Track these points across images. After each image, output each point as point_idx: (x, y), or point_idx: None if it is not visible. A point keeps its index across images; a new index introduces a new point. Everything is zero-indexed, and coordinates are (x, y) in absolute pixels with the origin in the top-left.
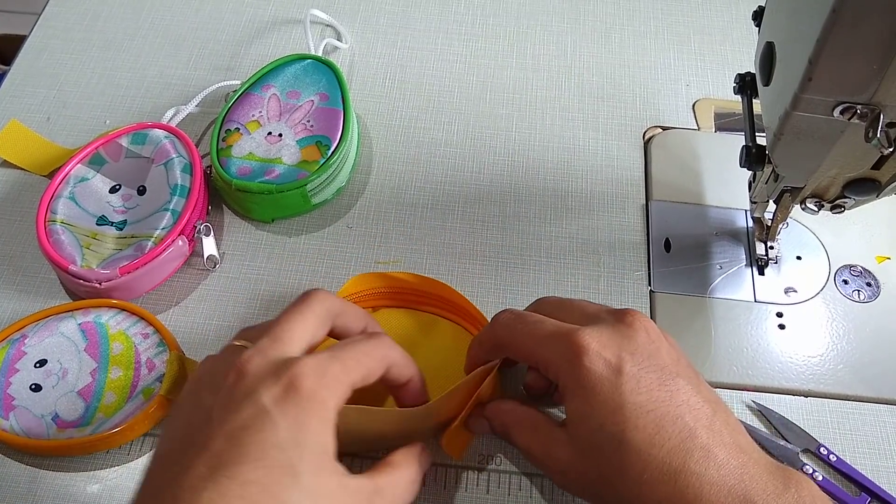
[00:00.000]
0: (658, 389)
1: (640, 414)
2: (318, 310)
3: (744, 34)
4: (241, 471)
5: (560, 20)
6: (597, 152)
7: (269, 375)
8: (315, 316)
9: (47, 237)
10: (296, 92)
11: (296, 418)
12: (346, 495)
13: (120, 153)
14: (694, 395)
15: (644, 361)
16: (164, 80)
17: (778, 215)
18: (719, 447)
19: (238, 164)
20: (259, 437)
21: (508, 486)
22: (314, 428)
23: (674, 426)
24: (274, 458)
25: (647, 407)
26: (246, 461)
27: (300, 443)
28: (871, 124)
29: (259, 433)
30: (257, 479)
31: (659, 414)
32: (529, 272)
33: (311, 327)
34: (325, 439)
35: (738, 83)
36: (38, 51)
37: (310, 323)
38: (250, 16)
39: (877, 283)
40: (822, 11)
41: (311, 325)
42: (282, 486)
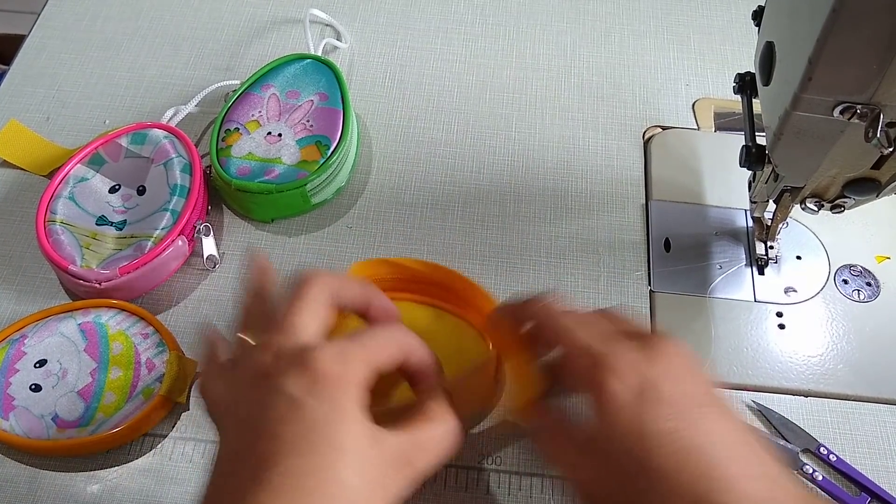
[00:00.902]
0: (683, 418)
1: (664, 443)
2: (320, 295)
3: (744, 34)
4: (288, 463)
5: (560, 20)
6: (596, 152)
7: (291, 367)
8: (317, 302)
9: (47, 237)
10: (295, 92)
11: (330, 401)
12: (388, 459)
13: (119, 153)
14: (720, 424)
15: (670, 389)
16: (164, 80)
17: (778, 215)
18: (746, 479)
19: (238, 164)
20: (297, 427)
21: (508, 486)
22: (348, 406)
23: (698, 456)
24: (315, 442)
25: (672, 436)
26: (290, 452)
27: (337, 422)
28: (871, 124)
29: (297, 423)
30: (304, 466)
31: (683, 444)
32: (529, 272)
33: (318, 314)
34: (359, 415)
35: (737, 83)
36: (37, 50)
37: (314, 309)
38: (249, 15)
39: (877, 282)
40: (822, 11)
41: (317, 311)
42: (328, 467)
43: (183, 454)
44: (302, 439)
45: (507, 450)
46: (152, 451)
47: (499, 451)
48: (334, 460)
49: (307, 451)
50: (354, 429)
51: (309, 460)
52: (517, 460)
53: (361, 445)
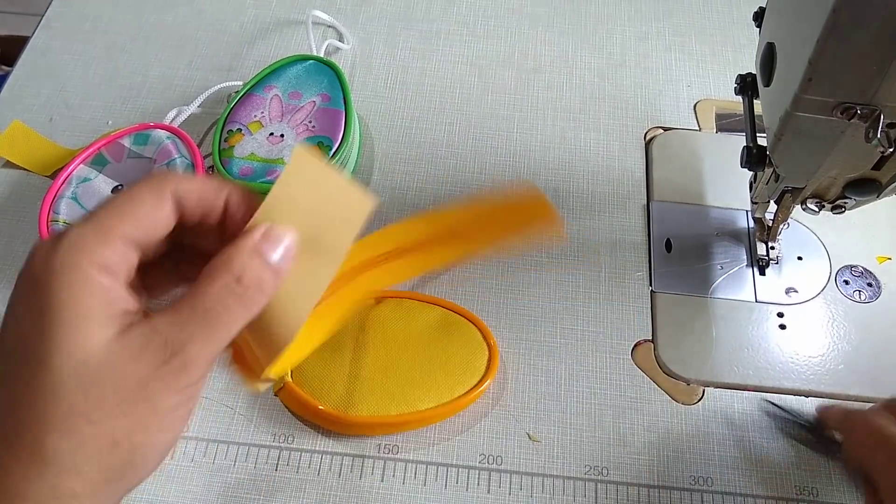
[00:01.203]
0: None
1: None
2: (161, 183)
3: (745, 35)
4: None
5: (561, 21)
6: (598, 153)
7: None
8: (153, 190)
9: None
10: (297, 93)
11: (36, 296)
12: (130, 354)
13: (122, 154)
14: None
15: None
16: (167, 81)
17: (779, 216)
18: None
19: (240, 164)
20: (4, 336)
21: (509, 486)
22: (64, 291)
23: None
24: (22, 348)
25: None
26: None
27: (47, 319)
28: (872, 125)
29: (5, 331)
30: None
31: None
32: (530, 273)
33: (142, 205)
34: (83, 302)
35: (738, 84)
36: (40, 52)
37: (142, 199)
38: (252, 17)
39: (878, 283)
40: (823, 12)
41: (143, 201)
42: (18, 404)
43: (184, 453)
44: (8, 345)
45: (507, 450)
46: None
47: (500, 452)
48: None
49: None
50: (62, 329)
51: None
52: (518, 460)
53: (76, 344)
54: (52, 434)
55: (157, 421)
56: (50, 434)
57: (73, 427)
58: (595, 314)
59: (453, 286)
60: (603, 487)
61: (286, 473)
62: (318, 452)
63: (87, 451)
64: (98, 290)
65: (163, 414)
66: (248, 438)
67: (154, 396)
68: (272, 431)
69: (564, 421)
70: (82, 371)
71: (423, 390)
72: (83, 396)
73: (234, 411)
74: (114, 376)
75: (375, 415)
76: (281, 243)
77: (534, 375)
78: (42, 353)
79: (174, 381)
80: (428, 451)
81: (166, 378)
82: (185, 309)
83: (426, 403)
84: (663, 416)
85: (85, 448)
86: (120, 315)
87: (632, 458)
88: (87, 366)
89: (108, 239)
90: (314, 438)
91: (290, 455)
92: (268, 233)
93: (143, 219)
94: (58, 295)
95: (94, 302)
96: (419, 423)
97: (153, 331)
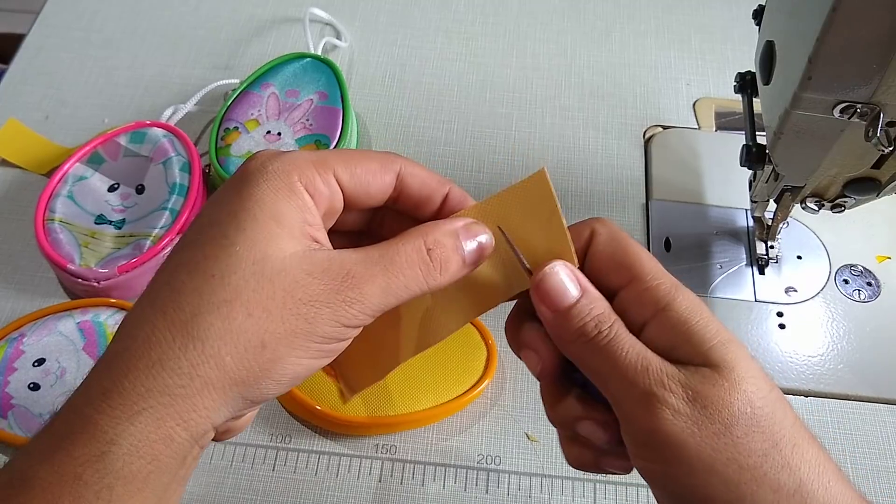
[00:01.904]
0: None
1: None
2: (389, 156)
3: (744, 33)
4: (179, 253)
5: (560, 19)
6: (597, 151)
7: (247, 163)
8: (381, 158)
9: (46, 236)
10: (295, 91)
11: (237, 194)
12: (307, 270)
13: (118, 152)
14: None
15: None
16: (163, 79)
17: (778, 214)
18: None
19: (237, 162)
20: (202, 217)
21: (507, 486)
22: (259, 198)
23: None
24: (215, 229)
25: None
26: (185, 244)
27: (240, 216)
28: (871, 123)
29: (203, 213)
30: (192, 259)
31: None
32: None
33: (368, 163)
34: (279, 211)
35: (738, 82)
36: (36, 49)
37: (369, 158)
38: (249, 14)
39: (877, 282)
40: (822, 10)
41: (370, 160)
42: (211, 260)
43: None
44: (197, 229)
45: (505, 450)
46: None
47: (498, 452)
48: (220, 249)
49: (198, 238)
50: (259, 225)
51: (196, 249)
52: (517, 460)
53: (267, 245)
54: (211, 314)
55: (304, 343)
56: (209, 313)
57: (231, 314)
58: None
59: None
60: (602, 487)
61: (283, 474)
62: (316, 453)
63: (236, 340)
64: (298, 205)
65: (312, 339)
66: (245, 439)
67: (315, 318)
68: (269, 432)
69: None
70: (260, 267)
71: (421, 390)
72: (253, 290)
73: None
74: (287, 283)
75: (373, 415)
76: (478, 239)
77: (532, 375)
78: (229, 238)
79: (340, 311)
80: (426, 452)
81: (334, 304)
82: (374, 253)
83: (424, 404)
84: None
85: (234, 337)
86: (309, 236)
87: None
88: (266, 264)
89: (324, 170)
90: (311, 439)
91: (287, 455)
92: (470, 225)
93: (362, 175)
94: (262, 194)
95: (293, 213)
96: (417, 423)
97: (340, 259)
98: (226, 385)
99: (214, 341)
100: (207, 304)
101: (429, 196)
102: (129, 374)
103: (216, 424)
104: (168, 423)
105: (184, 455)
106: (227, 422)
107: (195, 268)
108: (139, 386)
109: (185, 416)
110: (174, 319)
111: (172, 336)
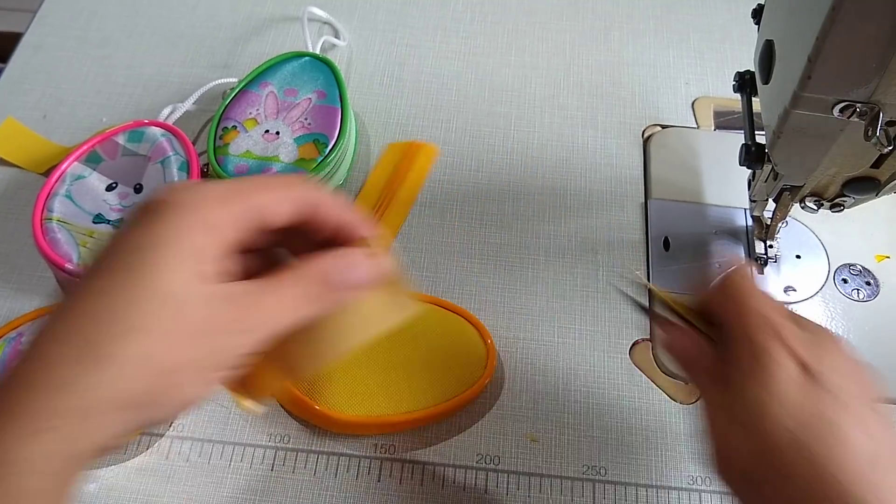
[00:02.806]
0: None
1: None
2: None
3: (743, 32)
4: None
5: (559, 18)
6: (596, 151)
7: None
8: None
9: (44, 235)
10: (293, 90)
11: (145, 226)
12: (209, 302)
13: (116, 151)
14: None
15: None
16: (161, 78)
17: (777, 214)
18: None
19: (235, 162)
20: (109, 249)
21: (507, 486)
22: (166, 233)
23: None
24: (122, 261)
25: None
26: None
27: (148, 248)
28: (871, 123)
29: (111, 245)
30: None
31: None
32: (528, 271)
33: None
34: (185, 246)
35: (737, 81)
36: (34, 48)
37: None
38: (248, 13)
39: (876, 281)
40: (822, 9)
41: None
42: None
43: (180, 453)
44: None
45: (504, 450)
46: (149, 450)
47: (498, 452)
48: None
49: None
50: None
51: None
52: (517, 460)
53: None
54: (116, 340)
55: (201, 371)
56: (114, 339)
57: (136, 341)
58: (593, 313)
59: (450, 285)
60: (601, 487)
61: (282, 474)
62: (315, 452)
63: (138, 366)
64: (202, 238)
65: (210, 367)
66: (244, 438)
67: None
68: (268, 431)
69: (562, 420)
70: (164, 297)
71: (420, 390)
72: (156, 319)
73: (229, 411)
74: (189, 314)
75: (372, 415)
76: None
77: (531, 375)
78: (136, 268)
79: (237, 340)
80: (425, 452)
81: (231, 334)
82: (267, 285)
83: (423, 403)
84: (661, 416)
85: (137, 363)
86: (212, 269)
87: (630, 457)
88: (169, 295)
89: (229, 203)
90: (310, 438)
91: (286, 455)
92: (358, 258)
93: (266, 204)
94: (168, 227)
95: (197, 246)
96: (416, 422)
97: (237, 291)
98: (125, 408)
99: (118, 366)
100: (113, 331)
101: (327, 222)
102: (33, 394)
103: (110, 443)
104: (69, 441)
105: (78, 471)
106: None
107: (102, 294)
108: (44, 406)
109: (85, 435)
110: (80, 343)
111: (77, 359)
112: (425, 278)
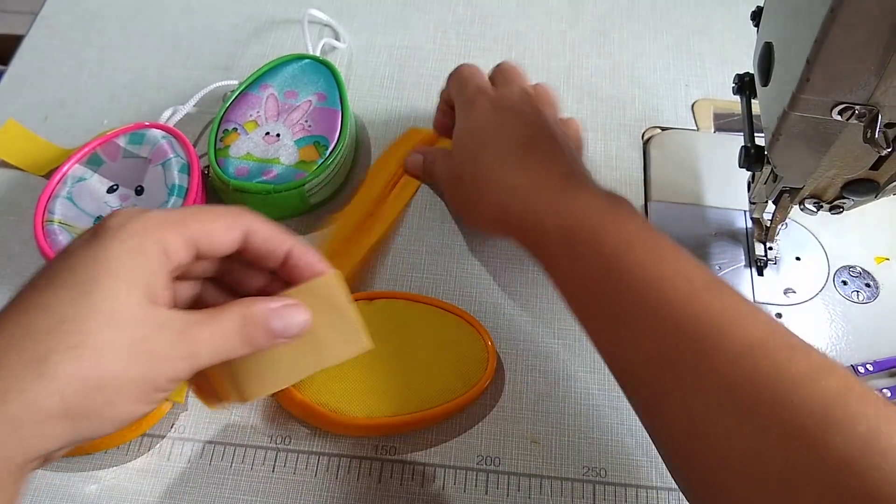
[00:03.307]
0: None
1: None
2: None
3: (742, 34)
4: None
5: (559, 20)
6: (595, 152)
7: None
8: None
9: (45, 237)
10: (293, 92)
11: (95, 247)
12: (152, 325)
13: (117, 153)
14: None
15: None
16: (162, 80)
17: (777, 216)
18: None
19: (236, 164)
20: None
21: (507, 487)
22: (116, 254)
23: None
24: (73, 279)
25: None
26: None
27: (97, 267)
28: (870, 125)
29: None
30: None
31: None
32: (528, 272)
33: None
34: (134, 268)
35: (736, 83)
36: (35, 50)
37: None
38: (248, 15)
39: (876, 283)
40: (820, 12)
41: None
42: (66, 304)
43: (181, 454)
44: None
45: (505, 451)
46: (151, 452)
47: (497, 453)
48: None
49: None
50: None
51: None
52: (516, 461)
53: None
54: (61, 354)
55: (139, 389)
56: (60, 353)
57: (81, 357)
58: None
59: (450, 286)
60: (601, 489)
61: (283, 475)
62: (315, 454)
63: (81, 381)
64: (150, 263)
65: (148, 386)
66: (244, 440)
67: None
68: (269, 433)
69: (562, 422)
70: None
71: (421, 392)
72: (102, 337)
73: (230, 413)
74: (133, 335)
75: (372, 416)
76: (285, 320)
77: (531, 376)
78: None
79: (174, 364)
80: (425, 453)
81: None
82: (204, 318)
83: (424, 405)
84: None
85: (80, 377)
86: (157, 293)
87: (630, 459)
88: (115, 315)
89: (177, 230)
90: (311, 440)
91: (286, 456)
92: (283, 307)
93: (211, 233)
94: (118, 251)
95: (145, 271)
96: (417, 424)
97: (178, 318)
98: (65, 419)
99: (62, 380)
100: (59, 345)
101: (272, 251)
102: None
103: (48, 453)
104: (9, 448)
105: (16, 479)
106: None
107: (51, 310)
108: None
109: (25, 444)
110: (27, 356)
111: (23, 370)
112: (426, 280)
